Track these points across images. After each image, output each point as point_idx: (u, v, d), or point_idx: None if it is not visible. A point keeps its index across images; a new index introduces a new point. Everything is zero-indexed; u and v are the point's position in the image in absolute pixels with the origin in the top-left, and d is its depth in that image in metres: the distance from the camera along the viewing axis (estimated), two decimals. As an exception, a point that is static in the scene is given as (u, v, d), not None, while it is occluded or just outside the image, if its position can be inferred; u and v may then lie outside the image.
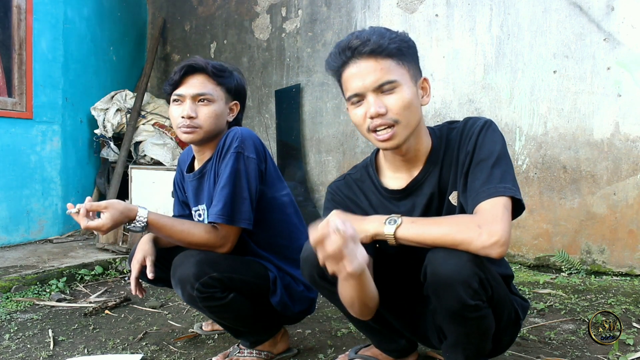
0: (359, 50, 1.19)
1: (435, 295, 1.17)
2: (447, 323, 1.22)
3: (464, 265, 1.11)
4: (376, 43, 1.18)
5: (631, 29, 2.75)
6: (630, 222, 2.79)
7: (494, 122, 1.28)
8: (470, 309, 1.14)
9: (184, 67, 1.61)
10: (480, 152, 1.23)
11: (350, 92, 1.23)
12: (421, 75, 1.29)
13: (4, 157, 3.54)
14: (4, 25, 3.55)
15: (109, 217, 1.42)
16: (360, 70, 1.20)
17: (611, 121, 2.82)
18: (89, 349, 1.89)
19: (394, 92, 1.20)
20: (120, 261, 3.10)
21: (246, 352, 1.70)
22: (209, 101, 1.62)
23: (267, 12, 4.13)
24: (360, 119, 1.23)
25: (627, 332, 1.96)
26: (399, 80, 1.20)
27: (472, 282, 1.12)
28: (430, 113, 3.37)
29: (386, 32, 1.21)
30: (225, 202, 1.53)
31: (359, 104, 1.23)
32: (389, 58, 1.19)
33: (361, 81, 1.20)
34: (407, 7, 3.44)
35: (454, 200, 1.29)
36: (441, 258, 1.13)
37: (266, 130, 4.19)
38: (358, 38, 1.20)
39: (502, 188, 1.17)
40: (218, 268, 1.50)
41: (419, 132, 1.28)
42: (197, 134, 1.62)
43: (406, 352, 1.61)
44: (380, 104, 1.19)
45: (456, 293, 1.12)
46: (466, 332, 1.22)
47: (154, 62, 4.63)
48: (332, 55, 1.25)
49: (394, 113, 1.20)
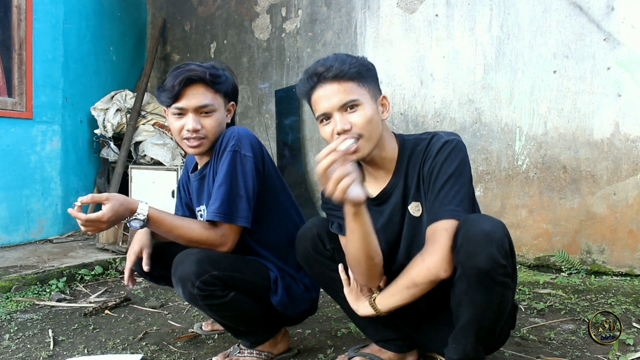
0: (324, 76, 1.35)
1: (467, 255, 1.22)
2: (470, 292, 1.25)
3: (497, 227, 1.23)
4: (338, 69, 1.34)
5: (631, 29, 2.75)
6: (630, 222, 2.79)
7: (457, 140, 1.39)
8: (500, 269, 1.21)
9: (183, 79, 1.56)
10: (434, 172, 1.36)
11: (319, 112, 1.38)
12: (380, 93, 1.44)
13: (4, 157, 3.54)
14: (4, 25, 3.55)
15: (110, 208, 1.41)
16: (326, 92, 1.35)
17: (611, 121, 2.82)
18: (89, 349, 1.89)
19: (356, 110, 1.35)
20: (120, 261, 3.10)
21: (246, 352, 1.70)
22: (212, 111, 1.62)
23: (267, 12, 4.13)
24: (328, 136, 1.37)
25: (627, 332, 1.96)
26: (360, 99, 1.35)
27: (504, 243, 1.22)
28: (430, 113, 3.37)
29: (347, 58, 1.36)
30: (222, 200, 1.53)
31: (328, 122, 1.38)
32: (350, 81, 1.35)
33: (327, 102, 1.35)
34: (407, 7, 3.44)
35: (413, 210, 1.42)
36: (474, 220, 1.25)
37: (266, 130, 4.19)
38: (322, 65, 1.36)
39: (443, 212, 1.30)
40: (219, 266, 1.50)
41: (382, 144, 1.42)
42: (204, 145, 1.62)
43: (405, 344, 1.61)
44: (345, 122, 1.34)
45: (490, 250, 1.19)
46: (487, 304, 1.26)
47: (154, 62, 4.63)
48: (302, 81, 1.41)
49: (357, 128, 1.34)
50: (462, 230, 1.25)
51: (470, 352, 1.31)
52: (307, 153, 3.95)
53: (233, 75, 1.74)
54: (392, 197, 1.44)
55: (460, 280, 1.26)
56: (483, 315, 1.28)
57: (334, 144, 1.21)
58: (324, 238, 1.52)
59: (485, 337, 1.33)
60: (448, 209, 1.30)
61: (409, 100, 3.45)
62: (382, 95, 1.43)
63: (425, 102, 3.39)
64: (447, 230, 1.28)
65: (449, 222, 1.28)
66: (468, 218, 1.27)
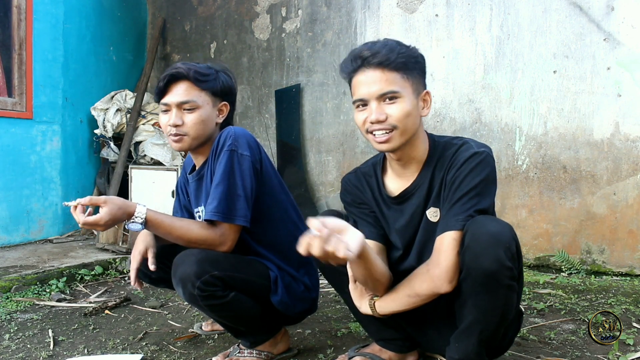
0: (369, 61, 1.30)
1: (474, 257, 1.21)
2: (475, 293, 1.24)
3: (504, 229, 1.22)
4: (385, 56, 1.29)
5: (631, 29, 2.75)
6: (630, 222, 2.79)
7: (486, 153, 1.34)
8: (506, 272, 1.20)
9: (167, 76, 1.63)
10: (455, 181, 1.32)
11: (356, 97, 1.34)
12: (425, 88, 1.38)
13: (4, 157, 3.54)
14: (4, 25, 3.55)
15: (107, 211, 1.42)
16: (367, 78, 1.31)
17: (611, 121, 2.82)
18: (89, 349, 1.89)
19: (395, 102, 1.30)
20: (120, 261, 3.10)
21: (246, 352, 1.70)
22: (194, 108, 1.63)
23: (267, 12, 4.13)
24: (361, 122, 1.35)
25: (627, 332, 1.96)
26: (401, 91, 1.30)
27: (511, 246, 1.21)
28: (430, 113, 3.35)
29: (396, 47, 1.31)
30: (220, 200, 1.53)
31: (363, 109, 1.34)
32: (395, 71, 1.30)
33: (367, 89, 1.31)
34: (407, 7, 3.44)
35: (431, 215, 1.39)
36: (482, 222, 1.23)
37: (266, 130, 4.19)
38: (369, 49, 1.31)
39: (453, 222, 1.28)
40: (219, 266, 1.50)
41: (415, 141, 1.37)
42: (184, 142, 1.64)
43: (406, 344, 1.60)
44: (381, 112, 1.30)
45: (497, 252, 1.18)
46: (492, 306, 1.25)
47: (154, 62, 4.63)
48: (345, 61, 1.36)
49: (393, 119, 1.30)
50: (469, 232, 1.23)
51: (471, 354, 1.30)
52: (307, 153, 3.95)
53: (231, 76, 1.74)
54: (414, 198, 1.41)
55: (465, 282, 1.24)
56: (487, 317, 1.26)
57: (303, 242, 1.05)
58: None
59: (488, 340, 1.31)
60: (460, 218, 1.27)
61: (409, 100, 3.45)
62: (425, 90, 1.38)
63: (425, 102, 3.39)
64: (455, 241, 1.26)
65: (459, 234, 1.26)
66: (476, 220, 1.25)
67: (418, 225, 1.41)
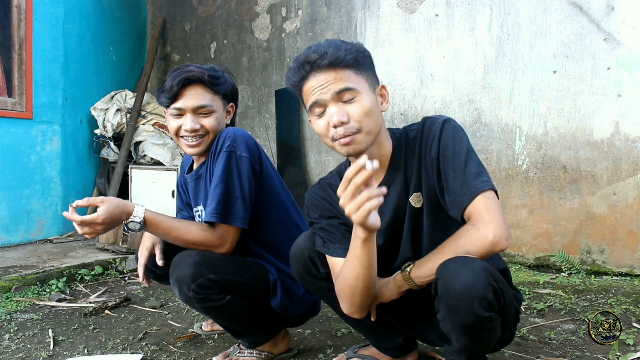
0: (318, 64, 1.23)
1: (449, 309, 1.15)
2: (456, 334, 1.20)
3: (478, 277, 1.11)
4: (334, 55, 1.22)
5: (631, 29, 2.75)
6: (630, 222, 2.79)
7: (452, 119, 1.31)
8: (484, 322, 1.14)
9: (181, 80, 1.57)
10: (447, 152, 1.25)
11: (312, 101, 1.25)
12: (379, 83, 1.33)
13: (4, 157, 3.53)
14: (4, 25, 3.55)
15: (105, 210, 1.41)
16: (319, 81, 1.23)
17: (611, 121, 2.82)
18: (89, 349, 1.89)
19: (354, 101, 1.23)
20: (120, 261, 3.10)
21: (246, 352, 1.70)
22: (210, 112, 1.62)
23: (267, 12, 4.13)
24: (323, 129, 1.26)
25: (627, 332, 1.96)
26: (358, 88, 1.23)
27: (487, 295, 1.11)
28: (430, 113, 3.36)
29: (342, 44, 1.26)
30: (218, 201, 1.53)
31: (322, 115, 1.26)
32: (346, 69, 1.24)
33: (321, 91, 1.23)
34: (407, 7, 3.44)
35: (414, 201, 1.32)
36: (454, 270, 1.13)
37: (266, 130, 4.19)
38: (316, 51, 1.24)
39: (480, 184, 1.20)
40: (215, 270, 1.50)
41: (380, 139, 1.31)
42: (203, 145, 1.62)
43: (404, 350, 1.61)
44: (342, 113, 1.22)
45: (472, 307, 1.10)
46: (475, 342, 1.21)
47: (154, 62, 4.63)
48: (292, 70, 1.29)
49: (355, 120, 1.22)
50: (441, 280, 1.15)
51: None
52: (307, 153, 3.95)
53: (232, 77, 1.74)
54: (391, 192, 1.34)
55: (444, 323, 1.19)
56: (473, 347, 1.22)
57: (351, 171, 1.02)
58: (316, 261, 1.41)
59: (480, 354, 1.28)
60: (480, 180, 1.20)
61: (409, 100, 3.45)
62: (380, 84, 1.33)
63: (425, 102, 3.39)
64: (492, 199, 1.19)
65: (490, 193, 1.20)
66: (447, 266, 1.14)
67: (404, 217, 1.34)
